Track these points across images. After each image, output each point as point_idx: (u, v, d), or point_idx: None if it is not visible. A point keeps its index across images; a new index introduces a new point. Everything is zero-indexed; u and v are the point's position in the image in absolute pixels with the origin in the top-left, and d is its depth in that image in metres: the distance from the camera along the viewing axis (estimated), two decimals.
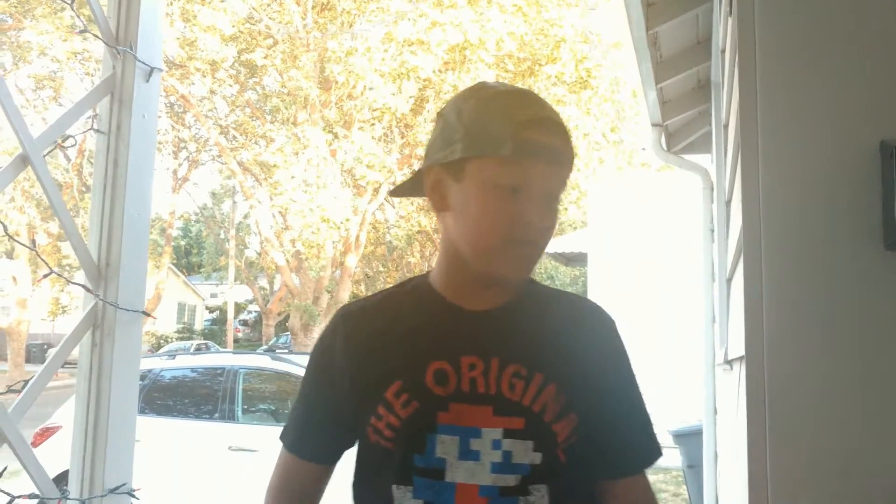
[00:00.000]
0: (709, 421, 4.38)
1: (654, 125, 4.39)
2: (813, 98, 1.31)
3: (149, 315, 1.72)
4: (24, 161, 1.39)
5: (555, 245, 15.70)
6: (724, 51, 2.42)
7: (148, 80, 1.58)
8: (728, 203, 2.48)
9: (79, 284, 1.50)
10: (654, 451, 1.13)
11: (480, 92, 1.06)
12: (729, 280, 2.51)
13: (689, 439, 7.10)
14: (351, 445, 1.15)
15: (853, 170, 1.27)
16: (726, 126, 2.49)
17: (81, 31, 1.32)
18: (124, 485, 1.63)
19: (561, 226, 29.36)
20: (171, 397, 6.87)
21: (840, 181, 1.28)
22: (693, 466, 7.07)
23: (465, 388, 1.03)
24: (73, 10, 1.40)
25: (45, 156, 1.44)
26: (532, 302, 1.12)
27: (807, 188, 1.30)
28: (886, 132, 1.26)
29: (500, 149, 0.99)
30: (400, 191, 1.18)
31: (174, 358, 7.14)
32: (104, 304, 1.55)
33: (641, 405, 1.14)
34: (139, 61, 1.54)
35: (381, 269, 36.64)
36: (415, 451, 1.02)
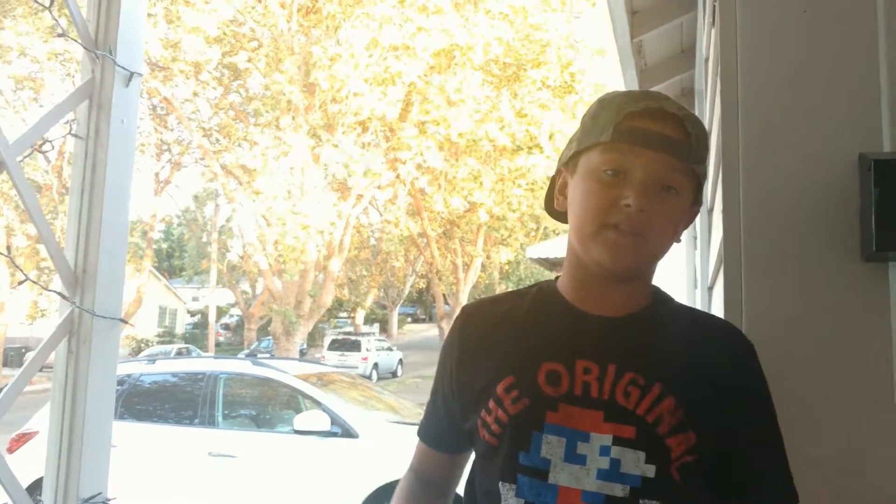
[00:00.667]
0: None
1: None
2: (793, 110, 1.31)
3: (126, 323, 1.70)
4: None
5: (539, 250, 15.74)
6: (707, 60, 2.44)
7: (127, 85, 1.57)
8: (710, 211, 2.48)
9: (55, 292, 1.48)
10: (786, 494, 1.05)
11: (605, 95, 1.07)
12: (710, 288, 2.51)
13: None
14: (473, 440, 1.13)
15: (832, 182, 1.28)
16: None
17: (60, 35, 1.30)
18: (99, 494, 1.61)
19: (544, 230, 29.54)
20: (150, 402, 6.80)
21: (819, 193, 1.29)
22: None
23: (577, 391, 1.00)
24: (51, 13, 1.38)
25: (21, 161, 1.42)
26: (661, 314, 1.08)
27: (786, 199, 1.31)
28: (864, 145, 1.26)
29: (601, 136, 1.00)
30: (546, 204, 1.18)
31: (154, 363, 7.08)
32: (80, 311, 1.53)
33: (775, 440, 1.06)
34: (118, 66, 1.53)
35: (365, 272, 36.61)
36: (520, 448, 1.01)
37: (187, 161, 26.11)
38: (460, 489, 1.24)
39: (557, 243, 15.34)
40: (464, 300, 30.88)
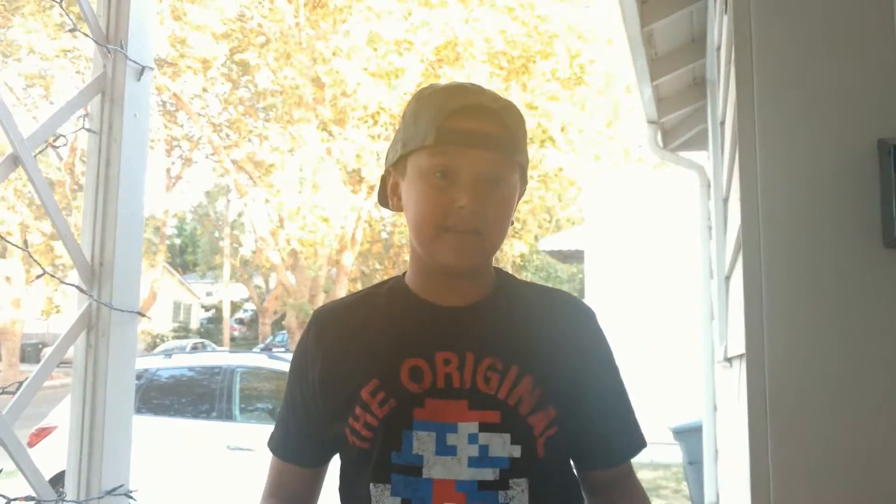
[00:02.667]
0: (709, 417, 4.39)
1: (649, 122, 4.39)
2: (810, 96, 1.30)
3: (143, 315, 1.71)
4: (14, 161, 1.38)
5: (552, 242, 15.71)
6: (719, 48, 2.42)
7: (139, 79, 1.57)
8: (725, 201, 2.47)
9: (72, 285, 1.49)
10: (638, 442, 1.14)
11: (422, 92, 1.09)
12: (727, 277, 2.50)
13: (690, 436, 7.11)
14: (337, 449, 1.14)
15: (851, 167, 1.27)
16: (723, 123, 2.49)
17: (71, 30, 1.30)
18: (121, 486, 1.62)
19: (557, 222, 29.46)
20: (167, 397, 6.85)
21: (838, 179, 1.27)
22: (693, 463, 7.08)
23: (440, 384, 1.03)
24: (62, 8, 1.39)
25: (36, 156, 1.42)
26: (507, 296, 1.12)
27: (805, 185, 1.30)
28: (883, 130, 1.25)
29: (425, 139, 1.01)
30: (380, 199, 1.19)
31: (171, 357, 7.12)
32: (98, 304, 1.54)
33: (623, 395, 1.14)
34: (130, 60, 1.53)
35: (378, 266, 36.64)
36: (392, 448, 1.02)
37: (198, 157, 26.22)
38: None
39: (570, 235, 15.30)
40: None
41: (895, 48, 1.26)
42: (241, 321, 44.95)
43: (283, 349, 27.44)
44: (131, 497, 1.64)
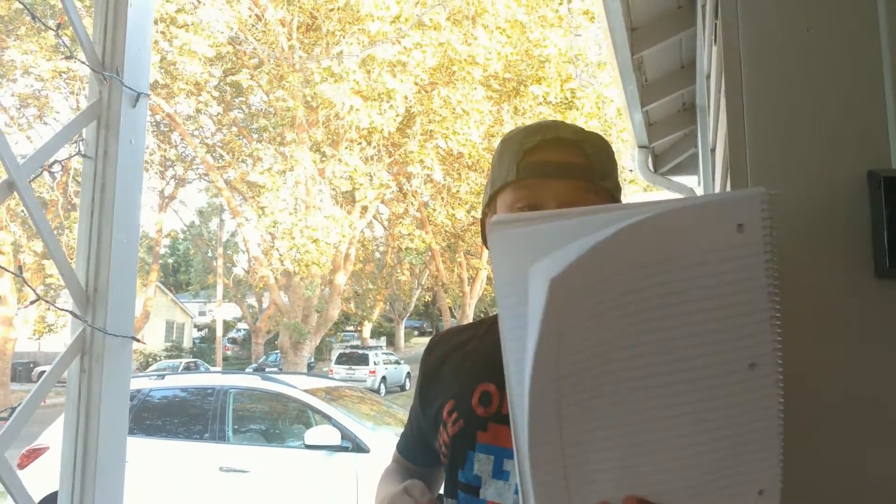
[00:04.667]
0: None
1: (640, 147, 4.41)
2: (800, 128, 1.32)
3: (138, 340, 1.71)
4: (9, 187, 1.38)
5: None
6: (709, 76, 2.44)
7: (134, 106, 1.58)
8: None
9: (67, 311, 1.48)
10: None
11: (506, 134, 1.15)
12: None
13: None
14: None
15: (842, 199, 1.28)
16: (713, 150, 2.51)
17: (68, 57, 1.31)
18: None
19: None
20: (160, 418, 6.81)
21: (829, 210, 1.29)
22: None
23: (504, 410, 1.06)
24: (57, 35, 1.40)
25: (30, 182, 1.43)
26: None
27: (797, 217, 1.31)
28: (873, 162, 1.26)
29: (508, 176, 1.06)
30: (483, 241, 1.24)
31: (163, 378, 7.09)
32: (93, 329, 1.54)
33: None
34: (126, 87, 1.54)
35: (371, 286, 36.60)
36: (458, 466, 1.10)
37: (191, 176, 26.22)
38: None
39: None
40: (470, 313, 30.83)
41: (881, 81, 1.28)
42: (233, 340, 44.81)
43: (276, 369, 27.13)
44: None
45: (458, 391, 1.13)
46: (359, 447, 5.92)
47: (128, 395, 1.64)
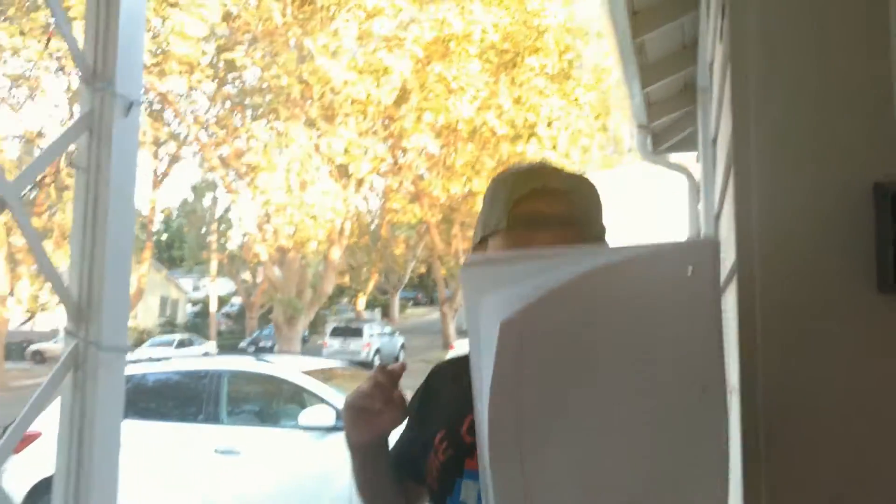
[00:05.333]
0: None
1: (639, 127, 4.38)
2: (806, 139, 1.29)
3: (132, 352, 1.69)
4: (1, 205, 1.35)
5: None
6: (712, 64, 2.41)
7: (127, 115, 1.54)
8: (716, 217, 2.47)
9: (61, 331, 1.46)
10: None
11: (497, 176, 1.19)
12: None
13: None
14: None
15: (848, 210, 1.26)
16: (714, 141, 2.49)
17: (59, 69, 1.27)
18: None
19: None
20: (154, 400, 6.81)
21: (835, 221, 1.27)
22: None
23: None
24: (45, 47, 1.36)
25: (22, 197, 1.40)
26: None
27: (801, 226, 1.29)
28: (880, 174, 1.24)
29: (498, 224, 1.10)
30: None
31: (156, 363, 7.10)
32: (86, 344, 1.52)
33: None
34: (118, 95, 1.50)
35: (366, 259, 36.57)
36: (447, 492, 1.15)
37: (185, 153, 26.03)
38: None
39: None
40: None
41: (891, 91, 1.26)
42: (228, 315, 44.85)
43: (270, 342, 27.20)
44: None
45: (450, 420, 1.19)
46: None
47: (122, 409, 1.63)
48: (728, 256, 1.68)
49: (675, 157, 4.97)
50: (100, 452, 1.55)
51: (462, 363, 1.26)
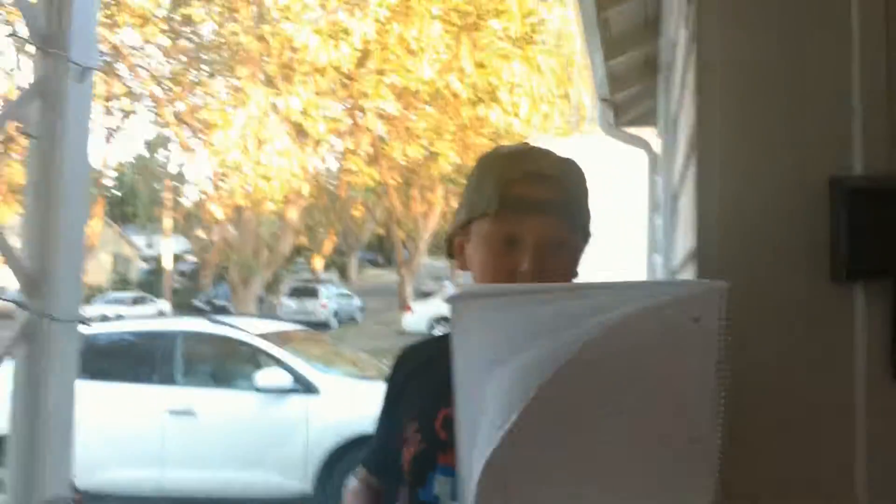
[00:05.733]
0: None
1: (602, 100, 4.40)
2: (769, 131, 1.32)
3: (86, 323, 1.66)
4: None
5: None
6: (675, 46, 2.42)
7: (81, 81, 1.50)
8: (675, 197, 2.50)
9: (12, 301, 1.43)
10: None
11: (485, 157, 1.18)
12: (675, 273, 2.55)
13: None
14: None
15: (805, 203, 1.29)
16: (675, 121, 2.51)
17: (10, 35, 1.22)
18: (62, 495, 1.59)
19: None
20: (106, 360, 6.72)
21: (793, 213, 1.30)
22: None
23: None
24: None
25: None
26: None
27: (761, 217, 1.32)
28: (836, 168, 1.27)
29: (489, 206, 1.07)
30: (448, 254, 1.26)
31: (109, 323, 6.99)
32: (40, 316, 1.49)
33: None
34: (72, 62, 1.46)
35: (323, 219, 36.27)
36: (419, 484, 1.13)
37: (139, 108, 25.39)
38: None
39: None
40: (423, 247, 30.88)
41: (850, 86, 1.28)
42: (182, 274, 44.23)
43: (225, 302, 26.82)
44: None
45: (423, 412, 1.16)
46: (309, 389, 5.95)
47: (75, 380, 1.60)
48: (688, 239, 1.71)
49: (635, 131, 5.01)
50: (55, 420, 1.54)
51: (429, 348, 1.27)
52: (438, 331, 20.62)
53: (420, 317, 21.18)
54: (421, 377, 1.22)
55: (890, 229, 1.22)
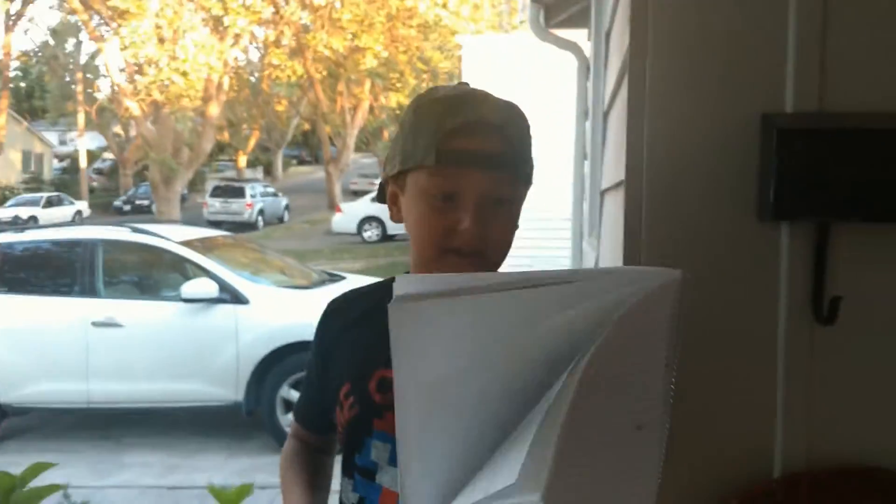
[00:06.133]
0: None
1: (533, 1, 4.27)
2: (701, 64, 1.29)
3: None
4: None
5: None
6: None
7: None
8: (606, 114, 2.47)
9: None
10: None
11: (420, 100, 1.07)
12: (602, 192, 2.55)
13: None
14: None
15: (736, 139, 1.27)
16: (608, 34, 2.45)
17: None
18: None
19: (436, 81, 28.93)
20: (23, 270, 6.47)
21: (723, 148, 1.29)
22: None
23: None
24: None
25: None
26: None
27: (691, 151, 1.31)
28: (769, 106, 1.25)
29: (425, 159, 0.99)
30: (379, 199, 1.18)
31: (23, 232, 6.69)
32: None
33: None
34: None
35: (246, 115, 35.11)
36: (355, 449, 1.09)
37: None
38: None
39: None
40: (351, 143, 30.35)
41: (787, 24, 1.25)
42: (99, 171, 42.62)
43: (146, 201, 26.08)
44: None
45: (356, 373, 1.10)
46: (237, 298, 5.88)
47: None
48: (617, 168, 1.69)
49: (566, 33, 4.91)
50: None
51: (362, 301, 1.19)
52: (369, 233, 20.61)
53: (350, 217, 21.02)
54: (353, 333, 1.16)
55: (817, 171, 1.22)
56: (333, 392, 1.12)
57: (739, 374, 1.30)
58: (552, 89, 8.98)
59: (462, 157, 0.99)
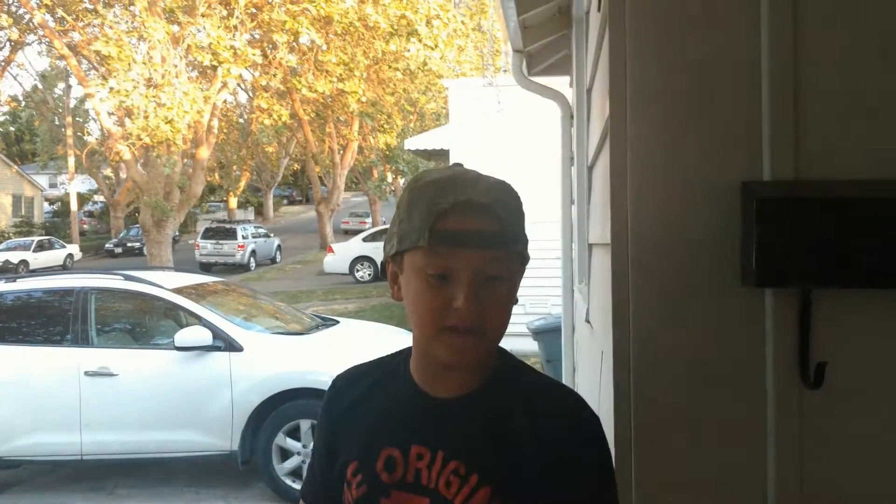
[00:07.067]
0: (566, 327, 4.60)
1: (515, 51, 4.35)
2: (681, 130, 1.34)
3: None
4: None
5: (417, 142, 15.64)
6: (587, 13, 2.41)
7: None
8: (590, 168, 2.53)
9: None
10: None
11: (415, 182, 1.09)
12: (591, 246, 2.59)
13: (548, 335, 7.48)
14: None
15: (717, 206, 1.32)
16: (589, 91, 2.52)
17: None
18: None
19: (423, 122, 29.16)
20: (14, 320, 6.43)
21: (706, 216, 1.32)
22: (551, 361, 7.50)
23: (409, 479, 1.07)
24: None
25: None
26: (501, 390, 1.11)
27: (674, 217, 1.35)
28: (748, 174, 1.30)
29: (420, 240, 1.02)
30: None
31: (14, 281, 6.66)
32: None
33: None
34: None
35: (236, 156, 35.22)
36: None
37: (30, 39, 23.84)
38: None
39: (434, 136, 15.27)
40: (341, 183, 30.44)
41: (761, 97, 1.30)
42: (90, 214, 42.59)
43: (138, 243, 25.86)
44: None
45: (363, 452, 1.12)
46: (231, 346, 5.86)
47: None
48: (604, 229, 1.73)
49: (548, 81, 5.00)
50: None
51: (367, 376, 1.21)
52: (361, 273, 20.58)
53: (341, 257, 20.97)
54: (357, 411, 1.17)
55: (796, 238, 1.25)
56: (341, 470, 1.13)
57: (728, 439, 1.32)
58: (538, 130, 9.10)
59: (454, 237, 1.01)
